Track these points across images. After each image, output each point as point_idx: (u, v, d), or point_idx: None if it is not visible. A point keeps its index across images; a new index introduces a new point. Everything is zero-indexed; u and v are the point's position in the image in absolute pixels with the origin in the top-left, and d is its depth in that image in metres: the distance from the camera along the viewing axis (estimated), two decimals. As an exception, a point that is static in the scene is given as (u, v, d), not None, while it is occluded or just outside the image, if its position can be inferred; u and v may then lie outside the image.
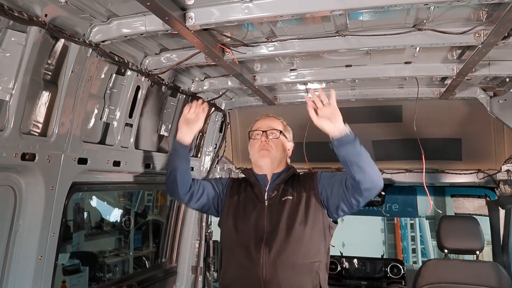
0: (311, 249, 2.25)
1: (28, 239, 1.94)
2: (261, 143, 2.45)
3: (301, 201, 2.31)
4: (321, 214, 2.30)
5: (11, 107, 1.74)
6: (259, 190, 2.40)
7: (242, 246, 2.29)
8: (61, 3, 1.77)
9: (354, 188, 2.14)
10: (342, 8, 1.77)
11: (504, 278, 3.29)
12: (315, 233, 2.27)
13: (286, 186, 2.39)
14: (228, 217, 2.41)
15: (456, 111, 3.58)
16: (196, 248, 3.64)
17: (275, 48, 2.38)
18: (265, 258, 2.20)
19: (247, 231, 2.30)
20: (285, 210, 2.29)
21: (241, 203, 2.41)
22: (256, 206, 2.35)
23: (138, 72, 2.47)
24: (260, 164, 2.46)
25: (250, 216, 2.33)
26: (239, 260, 2.28)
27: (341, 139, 2.07)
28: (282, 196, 2.35)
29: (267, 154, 2.43)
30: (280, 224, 2.26)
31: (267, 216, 2.30)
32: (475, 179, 3.75)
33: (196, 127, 2.46)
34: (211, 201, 2.50)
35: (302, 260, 2.22)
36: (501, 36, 1.96)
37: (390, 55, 2.62)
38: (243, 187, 2.49)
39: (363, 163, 2.08)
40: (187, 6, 1.86)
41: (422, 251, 11.17)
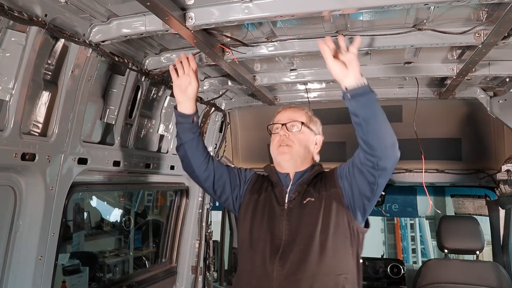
0: (335, 260, 1.93)
1: (28, 239, 1.94)
2: (280, 138, 2.15)
3: (322, 203, 2.00)
4: (346, 216, 1.98)
5: (11, 107, 1.74)
6: (280, 191, 2.11)
7: (256, 254, 2.02)
8: (61, 3, 1.77)
9: (366, 158, 1.85)
10: (342, 8, 1.77)
11: (504, 278, 3.29)
12: (339, 240, 1.96)
13: (309, 187, 2.09)
14: (244, 219, 2.14)
15: (456, 111, 3.58)
16: (196, 248, 3.64)
17: (275, 48, 2.37)
18: (279, 271, 1.92)
19: (263, 238, 2.03)
20: (305, 215, 2.00)
21: (260, 204, 2.13)
22: (274, 210, 2.07)
23: (138, 72, 2.47)
24: (279, 162, 2.17)
25: (267, 221, 2.05)
26: (252, 270, 2.03)
27: (355, 90, 1.77)
28: (304, 198, 2.04)
29: (288, 150, 2.12)
30: (299, 232, 1.97)
31: (285, 222, 2.01)
32: (475, 179, 3.75)
33: (192, 90, 2.14)
34: (230, 191, 2.21)
35: (324, 274, 1.90)
36: (501, 36, 1.96)
37: (390, 55, 2.62)
38: (265, 185, 2.20)
39: (377, 122, 1.79)
40: (187, 6, 1.86)
41: (422, 251, 11.18)
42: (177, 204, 3.59)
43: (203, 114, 3.50)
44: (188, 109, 2.16)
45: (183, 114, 2.16)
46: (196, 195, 3.61)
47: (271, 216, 2.06)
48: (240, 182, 2.23)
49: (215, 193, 2.26)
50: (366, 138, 1.81)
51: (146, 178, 3.02)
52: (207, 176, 2.20)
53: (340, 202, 1.99)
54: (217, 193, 2.25)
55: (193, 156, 2.17)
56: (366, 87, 1.79)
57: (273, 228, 2.02)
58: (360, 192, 1.96)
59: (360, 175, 1.92)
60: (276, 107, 3.47)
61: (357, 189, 1.96)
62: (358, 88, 1.78)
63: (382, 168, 1.86)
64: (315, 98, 3.38)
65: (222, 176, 2.21)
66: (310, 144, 2.20)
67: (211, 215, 3.90)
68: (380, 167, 1.85)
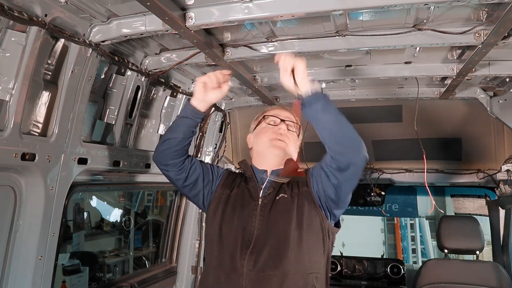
0: (306, 258, 1.89)
1: (28, 239, 1.94)
2: (278, 130, 2.09)
3: (295, 201, 1.96)
4: (318, 215, 1.95)
5: (11, 107, 1.74)
6: (254, 186, 2.05)
7: (226, 250, 1.94)
8: (61, 3, 1.77)
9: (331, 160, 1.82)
10: (342, 8, 1.77)
11: (504, 278, 3.29)
12: (312, 239, 1.92)
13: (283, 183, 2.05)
14: (214, 215, 2.05)
15: (456, 111, 3.58)
16: (196, 248, 3.64)
17: (275, 48, 2.37)
18: (250, 267, 1.86)
19: (233, 234, 1.95)
20: (278, 211, 1.95)
21: (231, 199, 2.05)
22: (247, 204, 2.00)
23: (138, 72, 2.47)
24: (268, 154, 2.10)
25: (239, 215, 1.99)
26: (220, 265, 1.94)
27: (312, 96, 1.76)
28: (277, 194, 2.00)
29: (283, 146, 2.07)
30: (271, 228, 1.92)
31: (258, 218, 1.95)
32: (475, 179, 3.74)
33: (213, 96, 2.00)
34: (201, 186, 2.11)
35: (295, 271, 1.86)
36: (501, 36, 1.96)
37: (390, 55, 2.62)
38: (237, 181, 2.12)
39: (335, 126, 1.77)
40: (187, 6, 1.86)
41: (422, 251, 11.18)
42: (177, 204, 3.59)
43: (203, 114, 3.50)
44: (203, 108, 2.02)
45: (197, 110, 2.00)
46: (196, 195, 3.61)
47: (243, 210, 1.99)
48: (212, 178, 2.14)
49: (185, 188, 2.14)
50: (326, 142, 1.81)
51: (146, 178, 3.02)
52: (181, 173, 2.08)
53: (312, 201, 1.96)
54: (187, 188, 2.13)
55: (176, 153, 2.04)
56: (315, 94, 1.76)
57: (244, 223, 1.96)
58: (325, 195, 1.94)
59: (325, 177, 1.90)
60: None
61: (323, 191, 1.94)
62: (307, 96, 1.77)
63: (345, 171, 1.82)
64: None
65: (195, 172, 2.11)
66: (296, 148, 2.17)
67: (211, 215, 3.89)
68: (343, 170, 1.82)
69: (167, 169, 2.07)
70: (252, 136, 2.23)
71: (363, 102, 3.43)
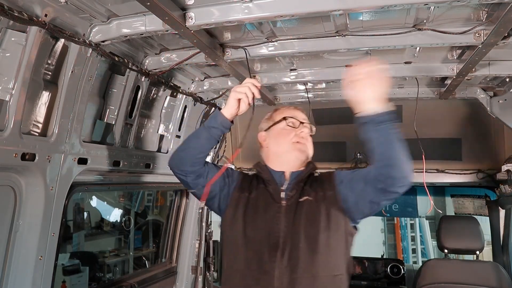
0: (333, 260, 1.90)
1: (28, 239, 1.94)
2: (300, 134, 2.07)
3: (321, 204, 1.95)
4: (342, 219, 1.94)
5: (11, 107, 1.74)
6: (275, 189, 2.01)
7: (251, 253, 1.92)
8: (61, 3, 1.77)
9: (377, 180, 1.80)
10: (342, 8, 1.77)
11: (504, 278, 3.29)
12: (338, 241, 1.93)
13: (306, 185, 2.02)
14: (234, 218, 2.02)
15: (456, 111, 3.58)
16: (196, 248, 3.64)
17: (275, 48, 2.38)
18: (281, 269, 1.84)
19: (258, 237, 1.93)
20: (304, 213, 1.93)
21: (251, 202, 2.02)
22: (270, 207, 1.97)
23: (138, 72, 2.47)
24: (290, 157, 2.07)
25: (263, 218, 1.96)
26: (247, 270, 1.91)
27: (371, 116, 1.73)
28: (300, 196, 1.97)
29: (305, 149, 2.06)
30: (299, 230, 1.90)
31: (283, 219, 1.93)
32: (475, 179, 3.75)
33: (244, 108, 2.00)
34: (218, 191, 2.06)
35: (324, 273, 1.87)
36: (501, 36, 1.96)
37: (390, 55, 2.62)
38: (254, 184, 2.09)
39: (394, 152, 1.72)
40: (187, 6, 1.86)
41: (422, 251, 11.17)
42: (177, 204, 3.60)
43: (203, 114, 3.50)
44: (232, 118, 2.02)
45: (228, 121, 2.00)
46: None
47: (267, 213, 1.97)
48: (228, 181, 2.10)
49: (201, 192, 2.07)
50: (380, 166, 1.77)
51: (146, 178, 3.02)
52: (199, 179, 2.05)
53: (336, 205, 1.95)
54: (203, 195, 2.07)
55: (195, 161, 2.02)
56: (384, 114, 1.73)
57: (269, 226, 1.94)
58: (358, 207, 1.93)
59: (364, 192, 1.88)
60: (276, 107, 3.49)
61: (357, 203, 1.93)
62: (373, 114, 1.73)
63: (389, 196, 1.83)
64: (315, 98, 3.38)
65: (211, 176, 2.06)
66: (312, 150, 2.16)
67: (211, 215, 3.89)
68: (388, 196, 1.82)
69: (185, 174, 2.04)
70: (265, 135, 2.17)
71: (363, 102, 3.42)
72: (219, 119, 1.98)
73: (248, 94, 1.95)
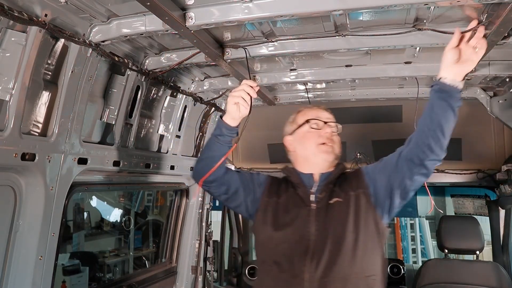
0: (365, 261, 1.89)
1: (28, 239, 1.94)
2: (324, 135, 2.06)
3: (350, 204, 1.94)
4: (374, 216, 1.94)
5: (11, 107, 1.74)
6: (304, 192, 2.01)
7: (282, 257, 1.93)
8: (61, 3, 1.77)
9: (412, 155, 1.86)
10: (342, 8, 1.77)
11: (504, 278, 3.29)
12: (369, 241, 1.91)
13: (335, 186, 2.02)
14: (264, 222, 2.03)
15: (456, 111, 3.58)
16: (196, 248, 3.64)
17: (275, 48, 2.37)
18: (311, 273, 1.85)
19: (288, 240, 1.94)
20: (334, 215, 1.93)
21: (280, 206, 2.03)
22: (300, 211, 1.97)
23: (138, 72, 2.47)
24: (317, 160, 2.05)
25: (293, 222, 1.96)
26: (278, 273, 1.92)
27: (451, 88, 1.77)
28: (330, 198, 1.97)
29: (332, 150, 2.04)
30: (329, 232, 1.90)
31: (314, 223, 1.93)
32: (475, 179, 3.75)
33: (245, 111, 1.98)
34: (243, 197, 2.09)
35: (356, 275, 1.86)
36: (501, 36, 1.96)
37: (390, 55, 2.62)
38: (283, 187, 2.10)
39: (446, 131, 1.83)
40: (187, 6, 1.86)
41: (422, 251, 11.17)
42: (177, 204, 3.59)
43: (203, 114, 3.50)
44: (236, 123, 2.03)
45: (232, 127, 2.01)
46: (196, 195, 3.61)
47: (297, 217, 1.97)
48: (253, 187, 2.12)
49: (227, 201, 2.16)
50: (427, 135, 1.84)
51: (146, 178, 3.02)
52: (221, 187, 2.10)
53: (368, 202, 1.95)
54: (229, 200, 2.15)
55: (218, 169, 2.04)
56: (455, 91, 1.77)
57: (300, 229, 1.94)
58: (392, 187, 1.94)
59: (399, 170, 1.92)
60: (277, 107, 3.50)
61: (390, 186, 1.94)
62: (451, 86, 1.78)
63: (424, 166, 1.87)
64: (315, 98, 3.38)
65: (234, 184, 2.11)
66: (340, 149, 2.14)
67: (211, 215, 3.89)
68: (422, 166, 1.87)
69: (208, 185, 2.08)
70: (291, 139, 2.16)
71: (363, 102, 3.42)
72: (222, 127, 2.00)
73: (245, 96, 1.94)
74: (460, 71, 1.77)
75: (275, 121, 3.95)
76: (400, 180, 1.92)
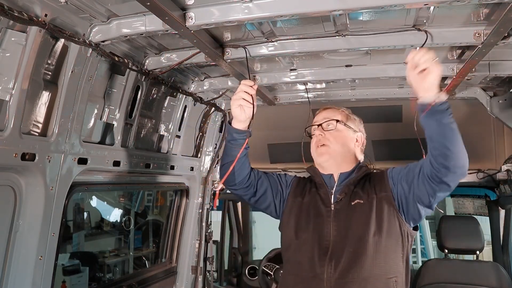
0: (386, 263, 1.90)
1: (28, 239, 1.94)
2: (316, 139, 2.14)
3: (373, 206, 1.97)
4: (397, 220, 1.95)
5: (11, 107, 1.74)
6: (325, 192, 2.07)
7: (303, 257, 1.98)
8: (61, 3, 1.77)
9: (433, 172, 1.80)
10: (342, 8, 1.77)
11: (504, 278, 3.29)
12: (391, 244, 1.93)
13: (356, 188, 2.05)
14: (289, 222, 2.10)
15: (456, 111, 3.57)
16: (196, 248, 3.64)
17: (275, 48, 2.37)
18: (330, 273, 1.88)
19: (310, 240, 1.98)
20: (354, 217, 1.96)
21: (304, 206, 2.09)
22: (320, 211, 2.03)
23: (138, 72, 2.47)
24: (320, 163, 2.14)
25: (314, 222, 2.01)
26: (300, 273, 1.97)
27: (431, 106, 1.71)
28: (352, 199, 2.01)
29: (325, 151, 2.10)
30: (349, 234, 1.93)
31: (333, 223, 1.97)
32: (475, 179, 3.74)
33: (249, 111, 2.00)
34: (271, 198, 2.16)
35: (375, 276, 1.87)
36: (501, 36, 1.96)
37: (390, 55, 2.62)
38: (307, 188, 2.16)
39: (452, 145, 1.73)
40: (187, 6, 1.86)
41: (422, 251, 11.17)
42: (177, 204, 3.59)
43: (203, 114, 3.50)
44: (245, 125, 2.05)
45: (240, 130, 2.03)
46: (196, 195, 3.61)
47: (317, 217, 2.02)
48: (281, 188, 2.19)
49: (256, 203, 2.21)
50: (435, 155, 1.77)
51: (146, 178, 3.02)
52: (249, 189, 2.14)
53: (391, 205, 1.96)
54: (258, 202, 2.20)
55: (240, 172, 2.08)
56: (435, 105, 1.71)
57: (320, 230, 1.99)
58: (415, 200, 1.93)
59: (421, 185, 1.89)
60: (276, 107, 3.50)
61: (413, 197, 1.93)
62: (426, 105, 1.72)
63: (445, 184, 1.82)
64: (315, 98, 3.38)
65: (262, 185, 2.16)
66: (348, 142, 2.15)
67: (211, 215, 3.89)
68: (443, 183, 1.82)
69: (235, 188, 2.12)
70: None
71: (363, 102, 3.43)
72: (233, 132, 2.04)
73: (245, 97, 1.97)
74: (427, 84, 1.71)
75: (275, 121, 3.98)
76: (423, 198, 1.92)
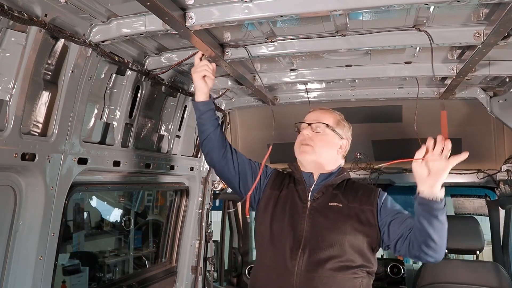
0: (354, 262, 1.98)
1: (28, 239, 1.94)
2: (302, 137, 2.18)
3: (352, 212, 2.03)
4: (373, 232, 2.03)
5: (11, 107, 1.74)
6: (303, 189, 2.13)
7: (276, 249, 2.04)
8: (61, 3, 1.77)
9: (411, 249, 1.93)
10: (342, 8, 1.77)
11: (504, 278, 3.29)
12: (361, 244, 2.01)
13: (335, 190, 2.11)
14: (264, 213, 2.14)
15: (456, 111, 3.58)
16: (196, 248, 3.64)
17: (275, 48, 2.37)
18: (301, 266, 1.96)
19: (284, 233, 2.04)
20: (330, 217, 2.02)
21: (280, 200, 2.14)
22: (296, 206, 2.09)
23: (138, 72, 2.47)
24: (300, 161, 2.20)
25: (289, 216, 2.07)
26: (272, 264, 2.04)
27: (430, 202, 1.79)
28: (330, 201, 2.07)
29: (309, 150, 2.14)
30: (322, 231, 2.00)
31: (308, 219, 2.03)
32: (475, 179, 3.75)
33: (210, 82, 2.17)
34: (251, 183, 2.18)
35: (343, 274, 1.95)
36: (501, 36, 1.96)
37: (390, 55, 2.62)
38: (286, 182, 2.21)
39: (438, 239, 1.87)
40: (187, 6, 1.86)
41: (422, 251, 11.16)
42: (177, 204, 3.59)
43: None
44: (207, 96, 2.18)
45: (205, 101, 2.16)
46: (196, 195, 3.61)
47: (293, 212, 2.08)
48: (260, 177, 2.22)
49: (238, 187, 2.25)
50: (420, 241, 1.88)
51: (146, 178, 3.02)
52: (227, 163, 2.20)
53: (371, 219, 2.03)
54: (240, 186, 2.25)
55: (214, 148, 2.18)
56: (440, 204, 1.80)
57: (294, 224, 2.04)
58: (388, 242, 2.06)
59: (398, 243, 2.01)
60: (276, 107, 3.49)
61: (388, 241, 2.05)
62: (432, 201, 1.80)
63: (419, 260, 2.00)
64: (315, 98, 3.38)
65: (244, 169, 2.22)
66: (332, 147, 2.21)
67: (211, 215, 3.89)
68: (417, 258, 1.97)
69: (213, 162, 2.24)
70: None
71: (363, 102, 3.43)
72: (199, 106, 2.17)
73: (208, 67, 2.15)
74: (434, 183, 1.78)
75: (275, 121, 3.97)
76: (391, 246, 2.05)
